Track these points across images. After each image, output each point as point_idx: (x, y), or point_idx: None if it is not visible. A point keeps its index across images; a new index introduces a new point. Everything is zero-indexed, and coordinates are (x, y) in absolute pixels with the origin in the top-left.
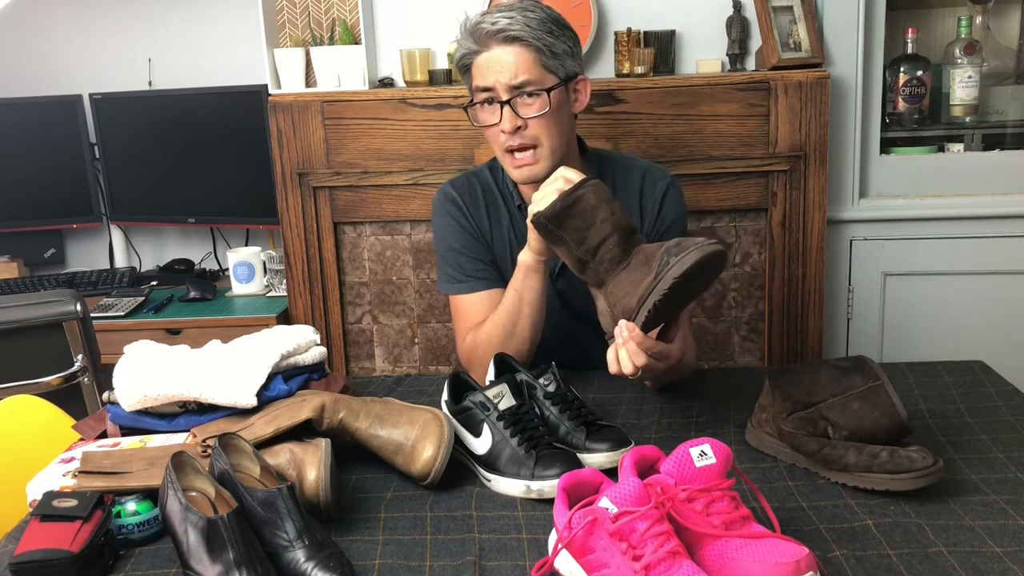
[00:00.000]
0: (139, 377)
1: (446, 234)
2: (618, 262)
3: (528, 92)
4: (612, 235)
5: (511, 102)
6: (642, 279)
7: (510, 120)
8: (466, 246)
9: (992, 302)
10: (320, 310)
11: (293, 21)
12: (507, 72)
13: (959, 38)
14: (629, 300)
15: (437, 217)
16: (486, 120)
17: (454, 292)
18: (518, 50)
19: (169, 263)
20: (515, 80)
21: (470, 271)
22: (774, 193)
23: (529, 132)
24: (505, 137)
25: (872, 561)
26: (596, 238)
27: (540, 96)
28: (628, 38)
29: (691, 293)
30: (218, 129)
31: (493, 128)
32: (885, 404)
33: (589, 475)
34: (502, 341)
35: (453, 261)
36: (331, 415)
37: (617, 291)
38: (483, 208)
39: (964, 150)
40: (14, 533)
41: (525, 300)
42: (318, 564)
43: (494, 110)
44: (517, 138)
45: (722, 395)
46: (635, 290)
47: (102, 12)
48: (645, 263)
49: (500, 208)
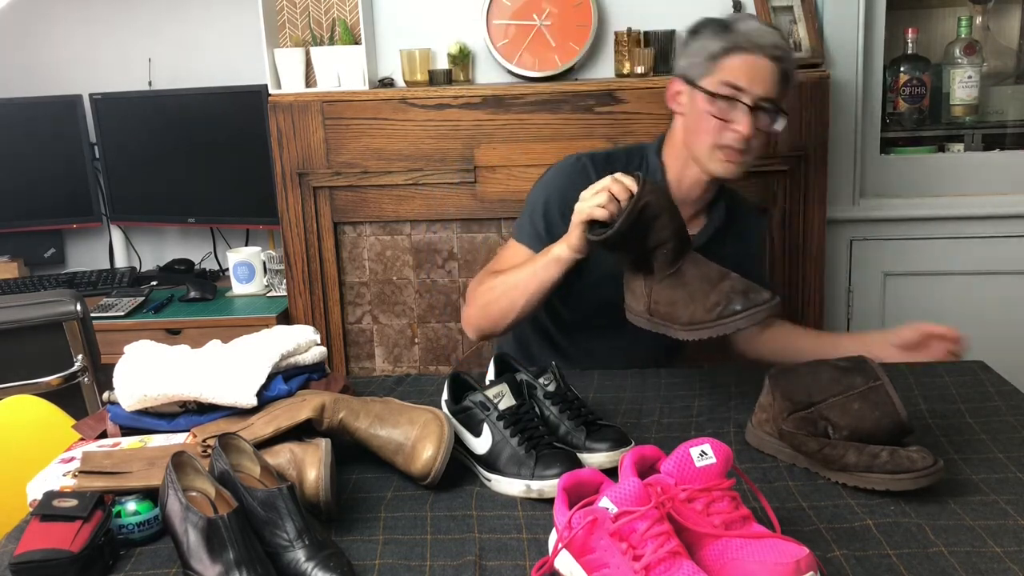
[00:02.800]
0: (139, 377)
1: (553, 194)
2: (669, 263)
3: (769, 109)
4: (668, 242)
5: (754, 110)
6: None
7: (750, 126)
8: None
9: (992, 302)
10: (320, 310)
11: (293, 21)
12: (762, 84)
13: (959, 38)
14: (676, 312)
15: (560, 177)
16: (720, 113)
17: (518, 238)
18: (777, 69)
19: (169, 263)
20: (767, 93)
21: (542, 231)
22: (774, 193)
23: (752, 141)
24: (733, 137)
25: (872, 561)
26: (653, 243)
27: (773, 116)
28: (628, 38)
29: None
30: (218, 129)
31: (724, 123)
32: (885, 404)
33: (589, 475)
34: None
35: (539, 215)
36: (331, 415)
37: (664, 295)
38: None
39: (964, 150)
40: (14, 533)
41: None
42: (318, 564)
43: (731, 108)
44: (743, 143)
45: (722, 395)
46: (686, 308)
47: (102, 12)
48: (703, 282)
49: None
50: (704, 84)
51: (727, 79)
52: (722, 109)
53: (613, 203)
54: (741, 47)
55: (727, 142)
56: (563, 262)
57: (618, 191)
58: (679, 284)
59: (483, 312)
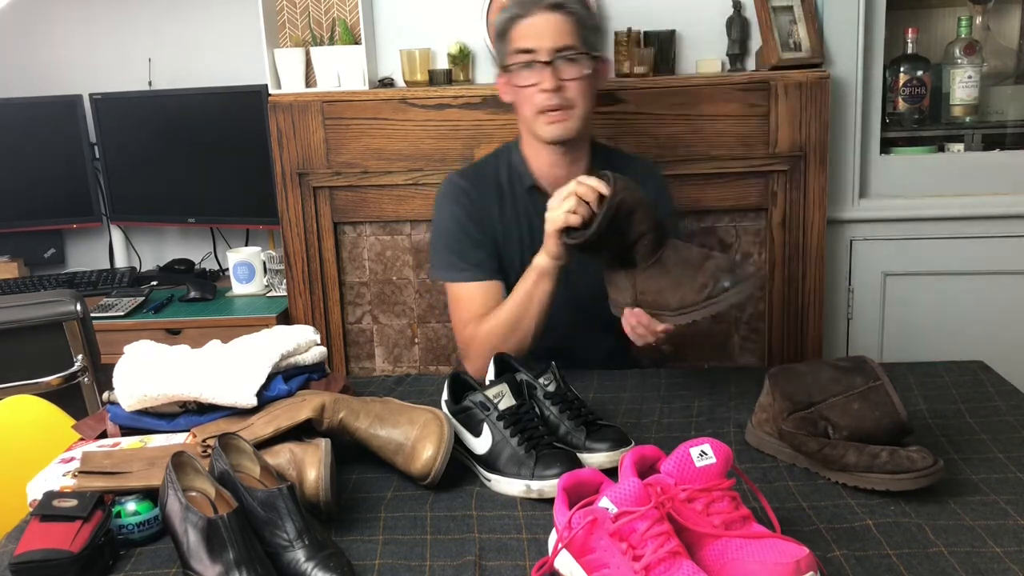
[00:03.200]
0: (139, 377)
1: (452, 222)
2: (651, 253)
3: (568, 57)
4: (648, 233)
5: (552, 64)
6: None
7: (552, 79)
8: (473, 236)
9: (992, 302)
10: (320, 310)
11: (293, 21)
12: (551, 36)
13: (959, 38)
14: (665, 299)
15: (443, 205)
16: (524, 81)
17: (455, 280)
18: (562, 18)
19: (169, 263)
20: (558, 43)
21: (474, 260)
22: (774, 193)
23: (566, 94)
24: (543, 97)
25: (872, 561)
26: (633, 236)
27: (579, 61)
28: (628, 38)
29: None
30: (218, 129)
31: (530, 89)
32: (885, 404)
33: (589, 475)
34: (504, 336)
35: (458, 249)
36: (331, 415)
37: (650, 284)
38: (493, 197)
39: (964, 150)
40: (14, 533)
41: (535, 301)
42: (318, 564)
43: (533, 72)
44: (556, 98)
45: (722, 395)
46: (674, 294)
47: (102, 12)
48: (686, 266)
49: (507, 192)
50: (506, 61)
51: (517, 47)
52: (525, 76)
53: (583, 206)
54: (518, 15)
55: (541, 104)
56: (550, 273)
57: (584, 192)
58: (662, 272)
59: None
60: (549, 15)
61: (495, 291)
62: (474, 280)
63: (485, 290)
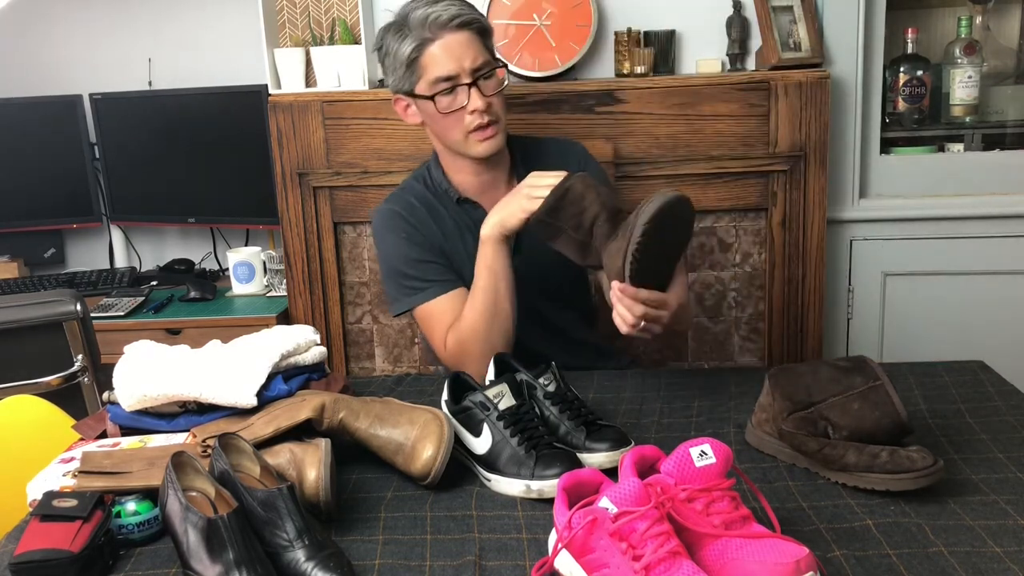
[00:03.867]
0: (139, 377)
1: (398, 249)
2: (607, 237)
3: (485, 74)
4: (601, 213)
5: (476, 83)
6: (623, 239)
7: (481, 99)
8: (422, 253)
9: (992, 302)
10: (320, 310)
11: (293, 21)
12: (468, 56)
13: (959, 38)
14: (616, 262)
15: (384, 236)
16: (451, 106)
17: (421, 302)
18: (470, 35)
19: (169, 263)
20: (476, 63)
21: (432, 276)
22: (774, 193)
23: (493, 109)
24: (473, 117)
25: (872, 561)
26: (589, 219)
27: (494, 75)
28: (628, 38)
29: (668, 242)
30: (218, 129)
31: (458, 112)
32: (885, 404)
33: (589, 475)
34: (487, 323)
35: (413, 272)
36: (331, 415)
37: (609, 261)
38: (425, 215)
39: (964, 150)
40: (14, 533)
41: (499, 275)
42: (318, 564)
43: (456, 95)
44: (487, 115)
45: (722, 395)
46: (619, 253)
47: (102, 12)
48: (625, 228)
49: (441, 210)
50: (420, 91)
51: (435, 75)
52: (449, 102)
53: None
54: (426, 39)
55: (472, 124)
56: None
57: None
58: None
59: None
60: (459, 35)
61: (462, 297)
62: (439, 294)
63: (452, 299)
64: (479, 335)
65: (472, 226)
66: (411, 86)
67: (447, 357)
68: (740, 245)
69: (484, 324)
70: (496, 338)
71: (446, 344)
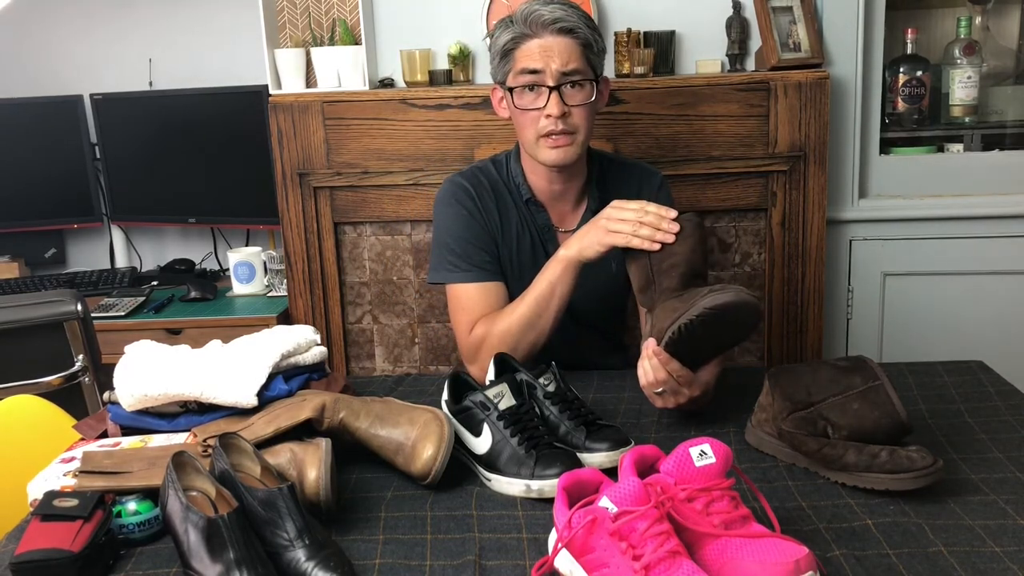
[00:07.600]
0: (140, 377)
1: (454, 223)
2: (672, 292)
3: (574, 81)
4: (680, 266)
5: (558, 88)
6: (681, 308)
7: (557, 105)
8: (476, 236)
9: (992, 302)
10: (320, 310)
11: (293, 21)
12: (559, 59)
13: (959, 38)
14: (663, 322)
15: (444, 205)
16: (528, 104)
17: (457, 281)
18: (570, 41)
19: (170, 263)
20: (566, 67)
21: (477, 261)
22: (774, 193)
23: (571, 120)
24: (547, 122)
25: (872, 561)
26: (668, 262)
27: (585, 87)
28: (628, 38)
29: (719, 335)
30: (218, 129)
31: (533, 112)
32: (885, 404)
33: (589, 475)
34: (522, 332)
35: (460, 250)
36: (331, 415)
37: (659, 315)
38: (493, 201)
39: (964, 150)
40: (15, 533)
41: (556, 295)
42: (318, 564)
43: (537, 95)
44: (560, 124)
45: (722, 395)
46: (671, 316)
47: (102, 12)
48: (690, 297)
49: (508, 202)
50: (508, 82)
51: (524, 67)
52: (529, 99)
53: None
54: (525, 34)
55: (545, 129)
56: (575, 267)
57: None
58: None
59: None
60: (558, 38)
61: (498, 293)
62: (477, 281)
63: (488, 291)
64: (509, 339)
65: (533, 228)
66: (503, 76)
67: (466, 343)
68: (740, 245)
69: (519, 331)
70: (523, 349)
71: (471, 331)
